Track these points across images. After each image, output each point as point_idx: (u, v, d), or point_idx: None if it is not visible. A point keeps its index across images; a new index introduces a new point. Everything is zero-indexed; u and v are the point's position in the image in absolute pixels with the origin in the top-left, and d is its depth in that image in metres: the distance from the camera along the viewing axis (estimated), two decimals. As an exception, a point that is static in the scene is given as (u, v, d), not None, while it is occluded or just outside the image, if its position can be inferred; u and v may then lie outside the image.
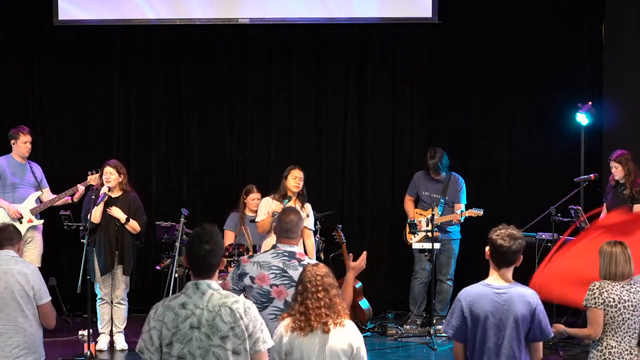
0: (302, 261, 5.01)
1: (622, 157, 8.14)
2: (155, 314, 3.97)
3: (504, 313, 4.55)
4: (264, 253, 5.13)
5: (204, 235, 4.03)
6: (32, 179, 8.71)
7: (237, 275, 5.04)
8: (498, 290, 4.59)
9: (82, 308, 8.80)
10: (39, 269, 8.38)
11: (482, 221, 8.76)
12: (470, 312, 4.59)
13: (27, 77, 10.14)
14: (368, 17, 9.89)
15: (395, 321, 9.41)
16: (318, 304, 4.37)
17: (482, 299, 4.58)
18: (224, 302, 3.93)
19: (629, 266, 5.47)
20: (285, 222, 5.11)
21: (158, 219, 8.76)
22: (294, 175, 8.01)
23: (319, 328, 4.36)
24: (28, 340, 5.39)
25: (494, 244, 4.60)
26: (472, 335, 4.62)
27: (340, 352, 4.37)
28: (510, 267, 4.63)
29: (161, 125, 10.15)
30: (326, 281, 4.44)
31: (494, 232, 4.63)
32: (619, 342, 5.38)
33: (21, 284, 5.35)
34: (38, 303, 5.42)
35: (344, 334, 4.40)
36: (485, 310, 4.57)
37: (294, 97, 10.09)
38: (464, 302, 4.62)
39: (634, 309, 5.37)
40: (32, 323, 5.41)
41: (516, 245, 4.58)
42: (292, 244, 5.10)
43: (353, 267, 5.23)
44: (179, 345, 3.90)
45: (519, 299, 4.57)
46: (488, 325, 4.56)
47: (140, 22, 10.01)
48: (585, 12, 9.78)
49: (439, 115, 10.01)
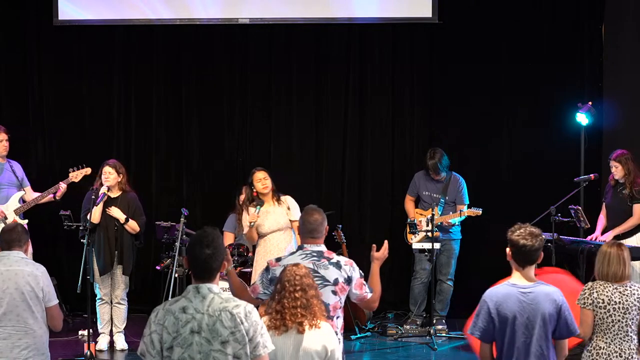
0: (332, 259, 4.97)
1: (622, 156, 8.14)
2: (156, 318, 3.97)
3: (532, 312, 4.56)
4: (292, 255, 5.06)
5: (204, 238, 4.01)
6: (14, 179, 8.62)
7: (267, 280, 4.98)
8: (524, 290, 4.59)
9: (82, 308, 8.80)
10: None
11: (482, 221, 8.78)
12: (498, 313, 4.58)
13: (27, 77, 10.14)
14: (368, 17, 9.89)
15: (395, 321, 9.41)
16: (294, 304, 4.36)
17: (509, 300, 4.58)
18: (225, 307, 3.92)
19: (623, 268, 5.45)
20: (310, 222, 5.05)
21: (158, 219, 8.75)
22: (257, 179, 7.92)
23: (293, 328, 4.35)
24: (37, 342, 5.39)
25: (516, 244, 4.60)
26: (500, 335, 4.61)
27: (314, 353, 4.35)
28: (533, 265, 4.65)
29: (161, 125, 10.15)
30: (305, 281, 4.43)
31: (514, 233, 4.63)
32: (607, 344, 5.36)
33: (31, 286, 5.34)
34: (47, 305, 5.42)
35: (318, 335, 4.38)
36: (513, 311, 4.56)
37: (294, 97, 10.09)
38: (490, 303, 4.61)
39: (626, 311, 5.34)
40: (41, 325, 5.41)
41: (538, 242, 4.60)
42: (319, 243, 5.05)
43: (377, 257, 5.22)
44: (179, 350, 3.90)
45: (545, 297, 4.58)
46: (517, 326, 4.56)
47: (140, 22, 10.01)
48: (585, 12, 9.77)
49: (439, 115, 10.01)
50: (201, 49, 10.12)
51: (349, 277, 4.97)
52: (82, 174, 8.43)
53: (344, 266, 4.98)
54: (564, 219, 8.23)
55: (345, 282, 4.95)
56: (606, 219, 8.36)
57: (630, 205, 8.14)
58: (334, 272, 4.94)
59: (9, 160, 8.70)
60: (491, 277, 5.42)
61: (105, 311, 8.24)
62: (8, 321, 5.29)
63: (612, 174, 8.26)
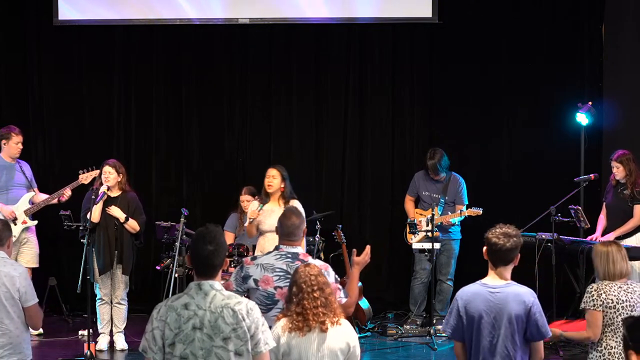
0: (306, 262, 4.95)
1: (624, 157, 8.15)
2: (158, 314, 3.97)
3: (498, 312, 4.55)
4: (267, 255, 5.09)
5: (207, 235, 4.02)
6: (23, 179, 8.66)
7: (240, 277, 5.02)
8: (493, 290, 4.59)
9: (82, 308, 8.79)
10: (37, 269, 8.51)
11: (482, 221, 8.76)
12: (466, 312, 4.60)
13: (27, 77, 10.14)
14: (368, 17, 9.89)
15: (395, 321, 9.40)
16: (315, 304, 4.37)
17: (477, 298, 4.59)
18: (227, 303, 3.93)
19: (626, 265, 5.49)
20: (287, 225, 5.08)
21: (158, 219, 8.74)
22: (267, 175, 7.84)
23: (316, 327, 4.36)
24: (13, 342, 5.38)
25: (489, 243, 4.61)
26: (468, 334, 4.63)
27: (338, 351, 4.38)
28: (507, 265, 4.63)
29: (161, 125, 10.15)
30: (320, 280, 4.44)
31: (489, 231, 4.64)
32: (618, 343, 5.38)
33: (7, 287, 5.34)
34: (24, 305, 5.40)
35: (341, 332, 4.41)
36: (480, 310, 4.57)
37: (294, 97, 10.09)
38: (460, 301, 4.64)
39: (632, 309, 5.38)
40: (18, 325, 5.40)
41: (510, 243, 4.56)
42: (295, 245, 5.07)
43: (357, 262, 5.20)
44: (181, 346, 3.90)
45: (513, 298, 4.56)
46: (482, 325, 4.57)
47: (140, 22, 10.01)
48: (585, 12, 9.77)
49: (439, 115, 10.01)
50: (201, 49, 10.11)
51: None
52: (92, 175, 8.40)
53: None
54: (564, 219, 8.23)
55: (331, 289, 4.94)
56: (606, 219, 8.36)
57: (631, 205, 8.15)
58: None
59: (18, 160, 8.72)
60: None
61: (105, 311, 8.24)
62: None
63: (613, 174, 8.26)
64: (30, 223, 8.61)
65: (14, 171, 8.63)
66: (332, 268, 5.20)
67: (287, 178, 7.86)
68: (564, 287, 8.58)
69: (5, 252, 5.45)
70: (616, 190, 8.28)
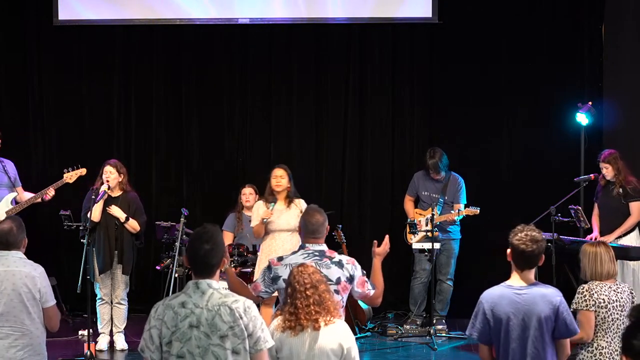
0: (333, 258, 4.98)
1: (611, 156, 8.21)
2: (155, 313, 3.98)
3: (526, 313, 4.52)
4: (294, 254, 5.05)
5: (204, 234, 4.03)
6: (5, 179, 8.53)
7: (269, 279, 4.98)
8: (518, 291, 4.56)
9: (82, 308, 8.80)
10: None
11: (482, 221, 8.78)
12: (493, 314, 4.56)
13: (27, 77, 10.14)
14: (368, 17, 9.89)
15: (395, 321, 9.41)
16: (307, 302, 4.35)
17: (503, 301, 4.55)
18: (224, 302, 3.93)
19: (614, 265, 5.50)
20: (312, 223, 5.07)
21: (158, 219, 8.74)
22: (274, 175, 7.92)
23: (309, 326, 4.33)
24: (34, 343, 5.37)
25: (516, 249, 4.56)
26: (496, 337, 4.58)
27: (329, 352, 4.33)
28: (533, 268, 4.61)
29: (161, 125, 10.16)
30: (314, 277, 4.42)
31: (515, 236, 4.58)
32: (609, 343, 5.38)
33: (28, 287, 5.33)
34: (44, 306, 5.40)
35: (334, 333, 4.36)
36: (507, 312, 4.53)
37: (294, 97, 10.09)
38: (486, 304, 4.59)
39: (622, 308, 5.40)
40: (38, 325, 5.39)
41: (538, 248, 4.56)
42: (320, 243, 5.07)
43: (378, 252, 5.22)
44: (178, 344, 3.91)
45: (541, 298, 4.54)
46: (511, 327, 4.53)
47: (140, 22, 10.01)
48: (585, 12, 9.78)
49: (439, 115, 10.01)
50: (201, 49, 10.12)
51: (351, 276, 4.98)
52: (77, 174, 8.36)
53: (345, 265, 4.99)
54: (564, 219, 8.22)
55: (347, 281, 4.96)
56: (599, 219, 8.39)
57: (625, 203, 8.17)
58: (336, 271, 4.94)
59: (1, 159, 8.60)
60: (491, 277, 5.42)
61: (106, 311, 8.24)
62: (5, 322, 5.28)
63: (602, 174, 8.31)
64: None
65: None
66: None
67: (291, 178, 7.97)
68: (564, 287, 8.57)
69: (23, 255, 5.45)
70: (606, 189, 8.32)
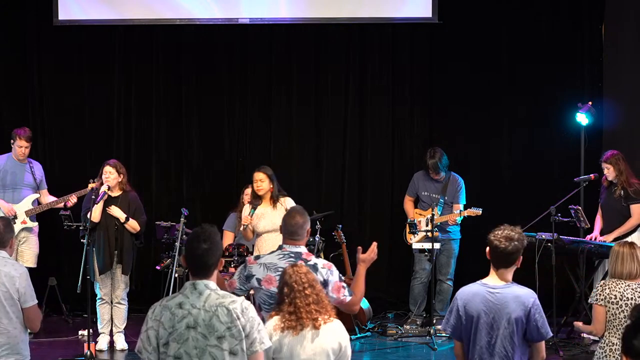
0: (309, 261, 4.94)
1: (613, 157, 8.20)
2: (152, 314, 3.97)
3: (497, 312, 4.53)
4: (270, 254, 5.06)
5: (202, 234, 4.02)
6: (31, 180, 8.70)
7: (244, 276, 5.00)
8: (492, 290, 4.57)
9: (82, 308, 8.80)
10: (35, 269, 8.50)
11: (481, 221, 8.76)
12: (465, 311, 4.59)
13: (27, 77, 10.14)
14: (368, 17, 9.89)
15: (395, 321, 9.40)
16: (307, 301, 4.34)
17: (476, 298, 4.58)
18: (221, 302, 3.92)
19: (637, 266, 5.51)
20: (290, 224, 5.04)
21: (158, 219, 8.74)
22: (254, 179, 7.94)
23: (309, 325, 4.33)
24: (11, 342, 5.38)
25: (491, 245, 4.58)
26: (466, 334, 4.61)
27: (329, 350, 4.34)
28: (509, 267, 4.60)
29: (161, 125, 10.16)
30: (310, 277, 4.42)
31: (492, 233, 4.61)
32: (620, 340, 5.39)
33: (6, 286, 5.33)
34: (23, 306, 5.39)
35: (334, 331, 4.37)
36: (479, 309, 4.55)
37: (294, 97, 10.09)
38: (460, 301, 4.63)
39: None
40: (16, 325, 5.39)
41: (512, 246, 4.53)
42: (298, 245, 5.04)
43: (363, 259, 5.17)
44: (175, 345, 3.89)
45: (513, 299, 4.54)
46: (481, 325, 4.55)
47: (140, 22, 10.01)
48: (585, 12, 9.78)
49: (439, 115, 10.01)
50: (201, 49, 10.12)
51: (325, 280, 4.92)
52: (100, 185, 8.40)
53: (320, 269, 4.94)
54: (564, 219, 8.23)
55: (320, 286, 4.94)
56: (602, 219, 8.39)
57: (626, 205, 8.17)
58: None
59: (30, 160, 8.78)
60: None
61: (106, 311, 8.24)
62: None
63: (604, 175, 8.31)
64: (30, 224, 8.62)
65: (24, 171, 8.68)
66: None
67: (274, 178, 7.95)
68: (564, 287, 8.58)
69: (7, 252, 5.44)
70: (609, 190, 8.33)
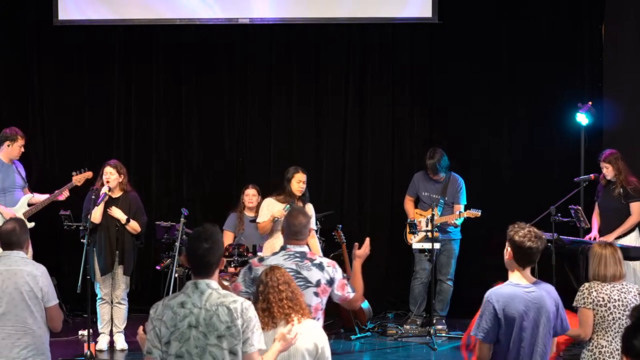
0: (314, 260, 4.97)
1: (612, 156, 8.21)
2: (155, 313, 3.98)
3: (537, 311, 4.49)
4: (275, 255, 5.06)
5: (203, 233, 4.03)
6: (20, 181, 8.61)
7: (249, 279, 4.98)
8: (527, 289, 4.52)
9: (82, 308, 8.79)
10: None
11: (481, 221, 8.77)
12: (505, 314, 4.48)
13: (27, 77, 10.14)
14: (368, 17, 9.89)
15: (395, 321, 9.41)
16: (280, 296, 4.34)
17: (515, 300, 4.49)
18: (222, 302, 3.92)
19: (619, 268, 5.49)
20: (294, 224, 5.06)
21: (158, 219, 8.74)
22: (298, 179, 8.04)
23: (282, 321, 4.31)
24: (37, 342, 5.38)
25: (521, 246, 4.50)
26: (506, 336, 4.51)
27: (304, 351, 4.31)
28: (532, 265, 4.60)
29: (161, 125, 10.16)
30: (286, 276, 4.43)
31: (517, 234, 4.53)
32: (609, 342, 5.38)
33: (30, 286, 5.34)
34: (46, 305, 5.41)
35: (309, 333, 4.34)
36: (520, 310, 4.48)
37: (294, 97, 10.09)
38: (496, 304, 4.49)
39: (625, 308, 5.37)
40: (40, 324, 5.41)
41: (542, 244, 4.55)
42: (302, 245, 5.07)
43: (359, 255, 5.21)
44: (177, 344, 3.90)
45: (547, 296, 4.53)
46: (524, 325, 4.49)
47: (140, 22, 10.01)
48: (585, 11, 9.77)
49: (439, 115, 10.01)
50: (201, 49, 10.12)
51: (331, 279, 4.97)
52: (85, 177, 8.41)
53: (326, 267, 4.99)
54: (564, 219, 8.22)
55: (327, 284, 4.96)
56: (599, 219, 8.39)
57: (625, 203, 8.17)
58: (317, 273, 4.94)
59: (14, 161, 8.65)
60: (491, 277, 5.39)
61: (106, 311, 8.24)
62: (7, 321, 5.30)
63: (602, 174, 8.31)
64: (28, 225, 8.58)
65: (13, 173, 8.58)
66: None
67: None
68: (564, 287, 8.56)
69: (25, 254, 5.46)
70: (607, 189, 8.33)
